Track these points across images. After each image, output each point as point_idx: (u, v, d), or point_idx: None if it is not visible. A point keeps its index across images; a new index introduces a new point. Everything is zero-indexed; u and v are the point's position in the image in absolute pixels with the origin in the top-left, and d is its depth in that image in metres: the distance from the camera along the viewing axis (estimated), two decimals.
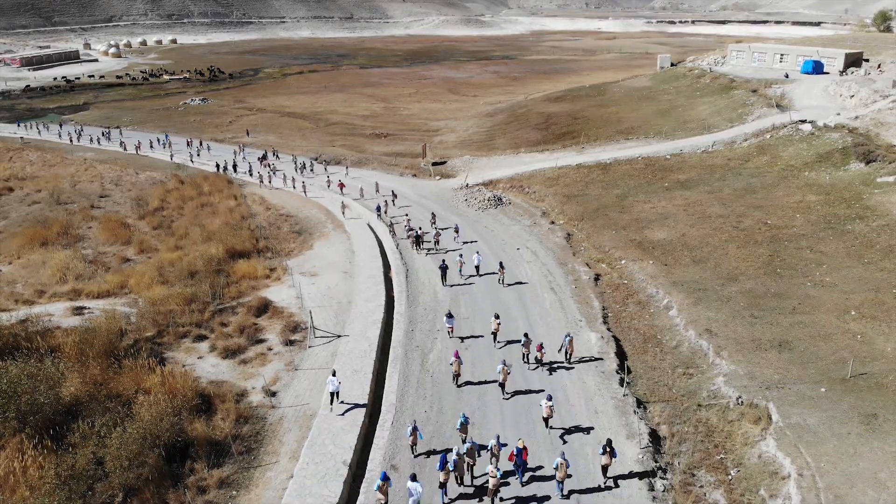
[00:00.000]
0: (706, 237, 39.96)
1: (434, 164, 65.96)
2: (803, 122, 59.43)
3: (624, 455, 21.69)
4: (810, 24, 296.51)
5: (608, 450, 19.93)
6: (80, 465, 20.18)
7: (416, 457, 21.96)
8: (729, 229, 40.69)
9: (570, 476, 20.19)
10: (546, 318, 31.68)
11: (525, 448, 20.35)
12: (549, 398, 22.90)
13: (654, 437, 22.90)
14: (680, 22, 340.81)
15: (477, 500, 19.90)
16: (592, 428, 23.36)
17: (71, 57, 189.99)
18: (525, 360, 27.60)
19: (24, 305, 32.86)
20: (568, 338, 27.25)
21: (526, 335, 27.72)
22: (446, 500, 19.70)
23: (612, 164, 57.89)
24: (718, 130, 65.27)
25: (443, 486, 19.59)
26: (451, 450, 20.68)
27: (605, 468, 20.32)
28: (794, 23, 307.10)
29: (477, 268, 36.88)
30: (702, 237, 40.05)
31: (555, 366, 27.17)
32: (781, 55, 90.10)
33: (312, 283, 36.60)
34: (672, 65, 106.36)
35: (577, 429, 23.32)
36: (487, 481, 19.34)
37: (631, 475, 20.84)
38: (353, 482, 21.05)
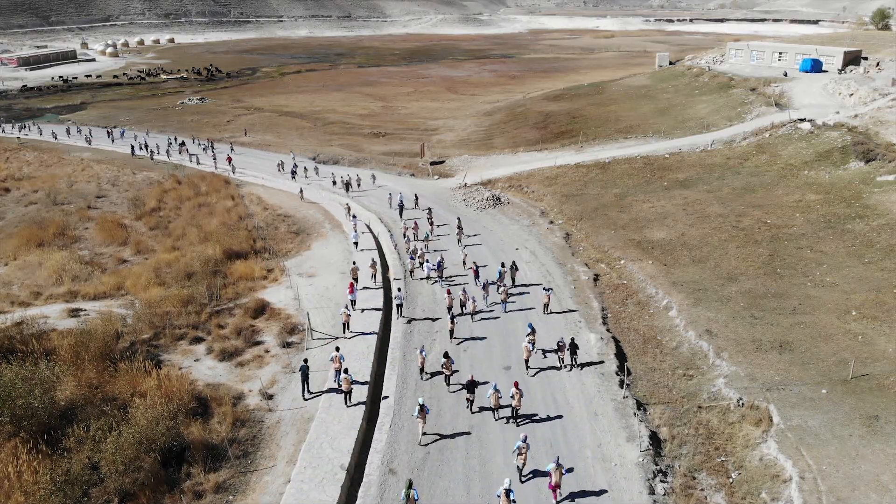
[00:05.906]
0: (706, 237, 39.79)
1: (432, 163, 65.75)
2: (802, 120, 59.26)
3: (624, 458, 21.57)
4: (808, 22, 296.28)
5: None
6: (76, 469, 19.97)
7: (412, 259, 38.02)
8: (728, 229, 40.52)
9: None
10: (546, 320, 31.49)
11: (478, 264, 36.16)
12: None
13: (655, 439, 22.74)
14: (678, 20, 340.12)
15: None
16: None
17: (68, 56, 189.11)
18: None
19: (20, 307, 32.61)
20: (547, 290, 32.49)
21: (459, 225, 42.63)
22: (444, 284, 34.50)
23: (610, 163, 57.71)
24: (717, 129, 65.11)
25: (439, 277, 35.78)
26: (445, 267, 36.11)
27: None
28: (793, 21, 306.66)
29: (401, 204, 49.10)
30: (701, 237, 39.88)
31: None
32: (780, 53, 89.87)
33: (310, 283, 36.39)
34: (670, 63, 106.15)
35: (577, 432, 23.17)
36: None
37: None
38: (351, 486, 20.88)
